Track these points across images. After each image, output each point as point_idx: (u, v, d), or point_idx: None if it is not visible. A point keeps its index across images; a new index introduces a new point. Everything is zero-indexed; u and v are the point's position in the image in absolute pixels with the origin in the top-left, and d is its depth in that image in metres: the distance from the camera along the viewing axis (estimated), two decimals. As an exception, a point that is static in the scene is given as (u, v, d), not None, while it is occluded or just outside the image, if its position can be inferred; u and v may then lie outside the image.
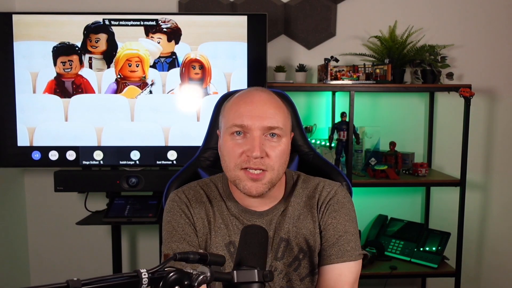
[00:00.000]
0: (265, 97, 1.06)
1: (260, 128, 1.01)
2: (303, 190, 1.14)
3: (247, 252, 0.78)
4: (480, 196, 2.68)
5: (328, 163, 1.34)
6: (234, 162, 1.02)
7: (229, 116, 1.05)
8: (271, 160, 1.02)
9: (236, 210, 1.11)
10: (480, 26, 2.58)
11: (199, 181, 1.18)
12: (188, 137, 2.17)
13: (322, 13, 2.50)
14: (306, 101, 2.57)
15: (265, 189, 1.03)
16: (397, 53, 2.42)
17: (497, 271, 2.73)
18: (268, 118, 1.02)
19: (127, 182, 2.16)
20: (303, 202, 1.13)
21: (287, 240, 1.10)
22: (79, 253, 2.64)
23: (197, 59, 2.15)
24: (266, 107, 1.04)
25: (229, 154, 1.03)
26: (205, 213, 1.11)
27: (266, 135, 1.03)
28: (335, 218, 1.10)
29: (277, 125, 1.03)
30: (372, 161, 2.42)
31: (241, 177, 1.02)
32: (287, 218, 1.11)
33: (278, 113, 1.04)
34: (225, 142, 1.05)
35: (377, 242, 2.42)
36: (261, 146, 1.00)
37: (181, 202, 1.11)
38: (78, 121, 2.15)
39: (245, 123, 1.01)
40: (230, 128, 1.03)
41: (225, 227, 1.10)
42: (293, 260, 1.09)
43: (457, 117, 2.42)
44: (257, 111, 1.02)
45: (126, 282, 0.62)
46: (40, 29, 2.12)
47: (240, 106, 1.05)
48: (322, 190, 1.13)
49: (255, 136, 1.01)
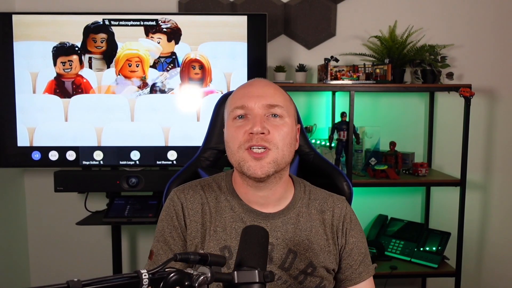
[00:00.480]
0: (265, 81, 1.10)
1: (261, 106, 1.02)
2: (313, 202, 1.12)
3: (247, 253, 0.77)
4: (480, 196, 2.68)
5: (328, 163, 1.34)
6: (237, 143, 1.01)
7: (230, 103, 1.06)
8: (274, 138, 1.00)
9: (240, 209, 1.07)
10: (480, 26, 2.58)
11: (202, 180, 1.15)
12: (188, 137, 2.17)
13: (322, 13, 2.50)
14: (306, 101, 2.57)
15: (270, 169, 0.99)
16: (397, 53, 2.42)
17: (497, 271, 2.73)
18: (268, 97, 1.03)
19: (127, 182, 2.16)
20: (315, 216, 1.10)
21: (295, 253, 1.07)
22: (79, 253, 2.64)
23: (197, 59, 2.15)
24: (266, 88, 1.06)
25: (232, 137, 1.03)
26: (201, 216, 1.08)
27: (268, 116, 1.02)
28: (355, 237, 1.12)
29: (277, 103, 1.03)
30: (372, 161, 2.42)
31: (245, 157, 1.00)
32: (298, 230, 1.08)
33: (277, 93, 1.06)
34: (228, 128, 1.05)
35: (377, 242, 2.42)
36: (262, 122, 1.00)
37: (178, 202, 1.09)
38: (78, 121, 2.15)
39: (245, 103, 1.02)
40: (232, 113, 1.04)
41: (222, 231, 1.06)
42: (299, 273, 1.07)
43: (457, 117, 2.42)
44: (256, 92, 1.04)
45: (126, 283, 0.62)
46: (40, 29, 2.12)
47: (239, 90, 1.08)
48: (334, 207, 1.12)
49: (256, 114, 1.01)
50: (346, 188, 1.29)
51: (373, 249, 2.38)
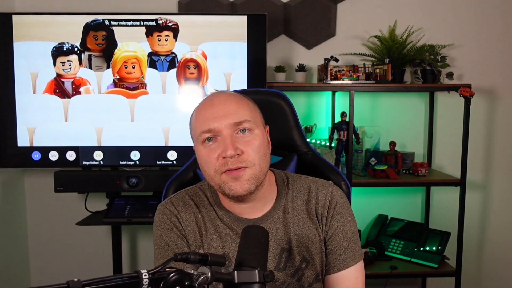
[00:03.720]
0: (225, 96, 1.04)
1: (228, 126, 0.98)
2: (297, 194, 1.11)
3: (247, 253, 0.77)
4: (480, 196, 2.68)
5: (327, 163, 1.34)
6: (213, 169, 0.99)
7: (196, 126, 1.02)
8: (248, 156, 0.98)
9: (228, 219, 1.07)
10: (480, 26, 2.58)
11: (188, 190, 1.14)
12: (188, 137, 2.15)
13: (322, 13, 2.50)
14: (306, 101, 2.57)
15: (251, 186, 0.99)
16: (397, 53, 2.42)
17: (498, 271, 2.73)
18: (232, 115, 0.99)
19: (127, 182, 2.16)
20: (300, 208, 1.09)
21: (288, 250, 1.06)
22: (79, 253, 2.64)
23: (192, 58, 2.15)
24: (227, 105, 1.01)
25: (206, 162, 1.00)
26: (196, 225, 1.07)
27: (237, 132, 0.99)
28: (340, 221, 1.08)
29: (243, 118, 0.99)
30: (372, 161, 2.42)
31: (224, 180, 0.99)
32: (286, 227, 1.07)
33: (241, 107, 1.02)
34: (199, 152, 1.02)
35: (377, 242, 2.42)
36: (233, 144, 0.97)
37: (171, 214, 1.07)
38: (78, 121, 2.15)
39: (212, 126, 0.98)
40: (199, 137, 1.01)
41: (219, 238, 1.06)
42: (295, 270, 1.06)
43: (457, 117, 2.42)
44: (219, 111, 0.99)
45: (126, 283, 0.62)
46: (40, 29, 2.12)
47: (202, 112, 1.02)
48: (318, 194, 1.10)
49: (226, 136, 0.98)
50: (344, 188, 1.29)
51: (373, 249, 2.38)
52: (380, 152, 2.45)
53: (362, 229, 2.62)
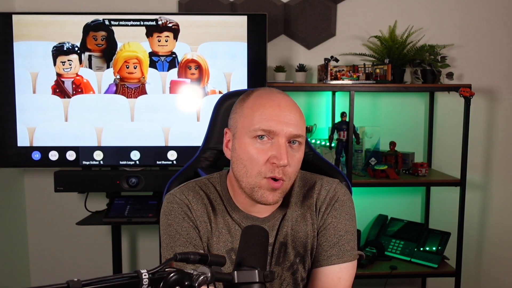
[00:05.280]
0: (291, 103, 1.02)
1: (287, 134, 0.97)
2: (300, 189, 1.11)
3: (247, 253, 0.77)
4: (480, 196, 2.68)
5: (327, 163, 1.34)
6: (257, 170, 0.97)
7: (253, 118, 0.98)
8: (291, 170, 0.99)
9: (238, 216, 1.06)
10: (480, 26, 2.58)
11: (197, 180, 1.11)
12: (188, 137, 2.17)
13: (322, 13, 2.50)
14: (306, 101, 2.57)
15: (280, 198, 1.01)
16: (397, 53, 2.42)
17: (497, 271, 2.73)
18: (294, 125, 0.98)
19: (127, 182, 2.16)
20: (299, 203, 1.09)
21: (285, 244, 1.07)
22: (79, 253, 2.64)
23: (193, 59, 2.15)
24: (293, 113, 0.99)
25: (251, 159, 0.97)
26: (207, 216, 1.05)
27: (290, 143, 0.99)
28: (335, 218, 1.06)
29: (301, 133, 0.99)
30: (372, 161, 2.42)
31: (262, 185, 0.97)
32: (285, 221, 1.07)
33: (301, 119, 1.01)
34: (246, 146, 0.98)
35: (377, 242, 2.42)
36: (287, 154, 0.96)
37: (182, 203, 1.04)
38: (78, 121, 2.15)
39: (273, 129, 0.96)
40: (254, 131, 0.97)
41: (228, 233, 1.05)
42: (290, 265, 1.07)
43: (457, 117, 2.42)
44: (285, 117, 0.97)
45: (126, 283, 0.62)
46: (40, 29, 2.12)
47: (267, 109, 0.98)
48: (321, 190, 1.09)
49: (282, 143, 0.96)
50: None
51: (373, 249, 2.38)
52: (380, 152, 2.45)
53: (362, 229, 2.62)
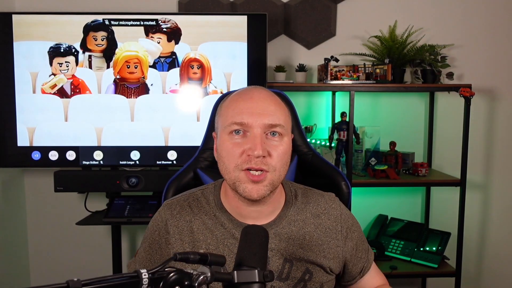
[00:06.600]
0: (265, 94, 1.02)
1: (261, 125, 0.96)
2: (306, 206, 1.09)
3: (247, 252, 0.77)
4: (480, 196, 2.68)
5: (327, 163, 1.34)
6: (234, 163, 0.96)
7: (227, 114, 0.99)
8: (272, 160, 0.96)
9: (231, 225, 1.03)
10: (480, 26, 2.58)
11: (190, 195, 1.11)
12: (188, 137, 2.17)
13: (322, 13, 2.50)
14: (306, 101, 2.57)
15: (267, 192, 0.97)
16: (397, 53, 2.42)
17: (498, 271, 2.73)
18: (269, 115, 0.97)
19: (127, 182, 2.16)
20: (308, 221, 1.07)
21: (291, 261, 1.04)
22: (79, 253, 2.64)
23: (196, 58, 2.15)
24: (266, 104, 0.99)
25: (228, 154, 0.97)
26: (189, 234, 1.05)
27: (267, 134, 0.97)
28: (355, 235, 1.13)
29: (278, 122, 0.97)
30: (372, 161, 2.42)
31: (241, 178, 0.96)
32: (291, 239, 1.04)
33: (279, 110, 1.00)
34: (223, 142, 0.99)
35: (377, 242, 2.42)
36: (262, 144, 0.94)
37: (161, 221, 1.08)
38: (78, 121, 2.15)
39: (245, 121, 0.96)
40: (228, 127, 0.98)
41: (215, 249, 1.03)
42: (298, 281, 1.04)
43: (457, 117, 2.42)
44: (257, 108, 0.97)
45: (126, 283, 0.62)
46: (40, 29, 2.12)
47: (239, 103, 0.99)
48: (330, 210, 1.10)
49: (256, 134, 0.95)
50: (344, 188, 1.29)
51: (373, 249, 2.36)
52: (380, 152, 2.45)
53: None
